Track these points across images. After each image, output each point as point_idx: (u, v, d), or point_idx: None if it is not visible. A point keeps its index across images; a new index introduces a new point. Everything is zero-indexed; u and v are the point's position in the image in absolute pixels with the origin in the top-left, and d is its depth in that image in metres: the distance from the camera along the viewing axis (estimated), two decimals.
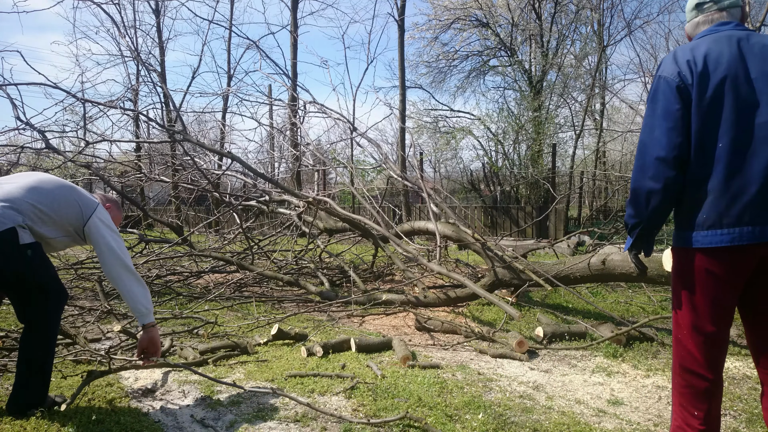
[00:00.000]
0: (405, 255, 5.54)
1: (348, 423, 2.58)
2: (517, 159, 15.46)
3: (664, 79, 1.82)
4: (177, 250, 6.93)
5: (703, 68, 1.78)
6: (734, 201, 1.74)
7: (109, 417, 2.63)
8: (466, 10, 15.42)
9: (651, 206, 1.86)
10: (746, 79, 1.76)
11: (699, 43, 1.85)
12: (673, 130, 1.79)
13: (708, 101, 1.77)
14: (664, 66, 1.85)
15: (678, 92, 1.79)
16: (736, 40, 1.82)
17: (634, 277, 4.43)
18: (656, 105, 1.83)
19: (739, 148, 1.74)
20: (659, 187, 1.82)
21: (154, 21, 17.40)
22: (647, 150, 1.84)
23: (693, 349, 1.86)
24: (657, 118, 1.82)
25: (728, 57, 1.78)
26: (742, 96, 1.75)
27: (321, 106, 7.79)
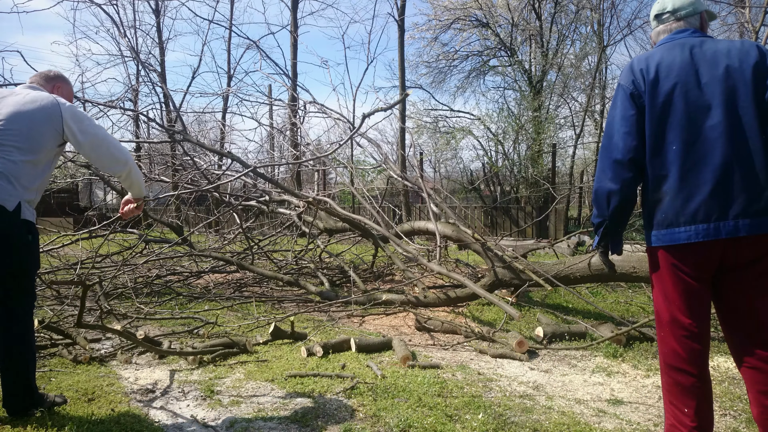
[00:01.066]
0: (405, 255, 5.54)
1: (348, 423, 2.58)
2: (517, 159, 15.45)
3: (621, 86, 1.96)
4: (177, 250, 6.93)
5: (654, 76, 1.89)
6: (689, 200, 1.84)
7: (108, 417, 2.63)
8: (466, 10, 15.42)
9: (611, 206, 1.98)
10: (697, 84, 1.86)
11: (654, 52, 1.97)
12: (628, 134, 1.90)
13: (660, 107, 1.88)
14: (622, 75, 1.98)
15: (632, 99, 1.92)
16: (689, 47, 1.92)
17: (634, 277, 4.44)
18: (615, 111, 1.96)
19: (691, 149, 1.84)
20: (617, 188, 1.94)
21: (154, 21, 17.43)
22: (606, 153, 1.96)
23: (675, 345, 1.93)
24: (615, 123, 1.94)
25: (680, 64, 1.89)
26: (692, 100, 1.85)
27: (321, 106, 7.80)
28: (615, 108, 1.97)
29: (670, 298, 1.93)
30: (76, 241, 6.16)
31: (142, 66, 15.17)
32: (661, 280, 1.95)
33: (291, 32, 14.78)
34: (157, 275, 6.34)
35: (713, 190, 1.81)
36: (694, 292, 1.90)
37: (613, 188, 1.95)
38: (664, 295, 1.95)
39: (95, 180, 8.51)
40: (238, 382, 3.17)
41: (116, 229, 6.48)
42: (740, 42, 1.93)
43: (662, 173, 1.88)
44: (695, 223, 1.83)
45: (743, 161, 1.80)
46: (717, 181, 1.81)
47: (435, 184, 19.87)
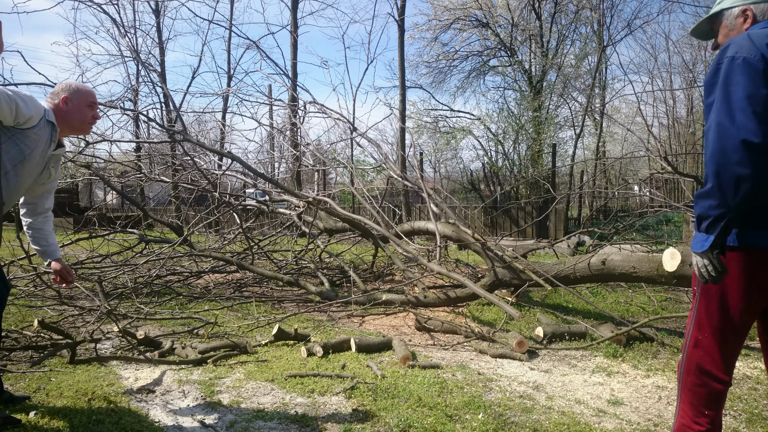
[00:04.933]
0: (405, 255, 5.54)
1: (348, 423, 2.58)
2: (517, 159, 15.47)
3: (744, 60, 1.65)
4: (177, 250, 6.93)
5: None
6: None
7: (109, 417, 2.63)
8: (466, 11, 15.43)
9: (741, 194, 1.64)
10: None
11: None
12: (761, 114, 1.61)
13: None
14: (743, 48, 1.67)
15: (764, 75, 1.63)
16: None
17: (634, 277, 4.43)
18: (735, 88, 1.65)
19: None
20: (749, 172, 1.62)
21: (154, 21, 17.43)
22: (730, 134, 1.63)
23: (717, 350, 1.82)
24: (739, 101, 1.64)
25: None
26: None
27: (321, 106, 7.79)
28: (735, 84, 1.65)
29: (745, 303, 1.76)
30: (76, 241, 6.16)
31: (142, 66, 15.17)
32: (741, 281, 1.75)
33: (291, 32, 14.78)
34: (157, 275, 6.33)
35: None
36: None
37: (744, 173, 1.61)
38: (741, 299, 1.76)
39: (95, 180, 8.51)
40: (238, 382, 3.17)
41: (116, 229, 6.48)
42: None
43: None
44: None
45: None
46: None
47: (435, 184, 19.88)
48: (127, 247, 6.86)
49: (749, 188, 1.63)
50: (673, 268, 4.04)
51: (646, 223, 11.52)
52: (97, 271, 6.05)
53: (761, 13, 1.85)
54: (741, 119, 1.62)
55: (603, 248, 5.37)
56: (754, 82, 1.63)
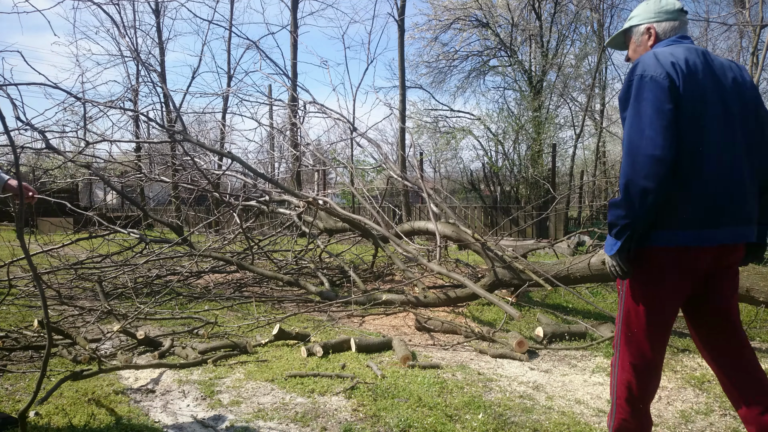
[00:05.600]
0: (405, 255, 5.54)
1: (348, 423, 2.58)
2: (517, 159, 15.46)
3: (652, 78, 1.80)
4: (177, 250, 6.93)
5: (687, 72, 1.82)
6: (717, 202, 1.82)
7: (109, 417, 2.64)
8: (466, 11, 15.42)
9: (646, 205, 1.79)
10: (716, 89, 1.86)
11: (676, 50, 1.89)
12: (667, 129, 1.75)
13: (695, 105, 1.81)
14: (650, 66, 1.82)
15: (669, 92, 1.78)
16: (701, 52, 1.90)
17: None
18: (644, 104, 1.79)
19: (714, 153, 1.82)
20: (653, 186, 1.77)
21: (154, 21, 17.42)
22: (638, 149, 1.77)
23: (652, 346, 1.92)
24: (647, 117, 1.78)
25: (701, 67, 1.86)
26: (715, 104, 1.84)
27: (321, 106, 7.79)
28: (644, 101, 1.79)
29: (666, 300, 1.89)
30: (76, 241, 6.16)
31: (142, 66, 15.17)
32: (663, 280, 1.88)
33: (291, 32, 14.79)
34: (157, 275, 6.34)
35: (733, 197, 1.84)
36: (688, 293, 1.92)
37: (650, 186, 1.76)
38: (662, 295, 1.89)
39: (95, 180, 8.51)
40: (238, 382, 3.17)
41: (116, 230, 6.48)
42: (727, 59, 1.97)
43: (692, 174, 1.82)
44: (717, 225, 1.82)
45: (748, 176, 1.88)
46: (735, 189, 1.84)
47: (435, 184, 19.88)
48: (127, 247, 6.86)
49: (654, 201, 1.78)
50: None
51: None
52: (97, 271, 6.05)
53: (663, 32, 2.02)
54: (649, 134, 1.76)
55: (603, 248, 5.38)
56: (660, 98, 1.76)
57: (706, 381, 3.21)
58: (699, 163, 1.81)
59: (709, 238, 1.82)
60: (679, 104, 1.79)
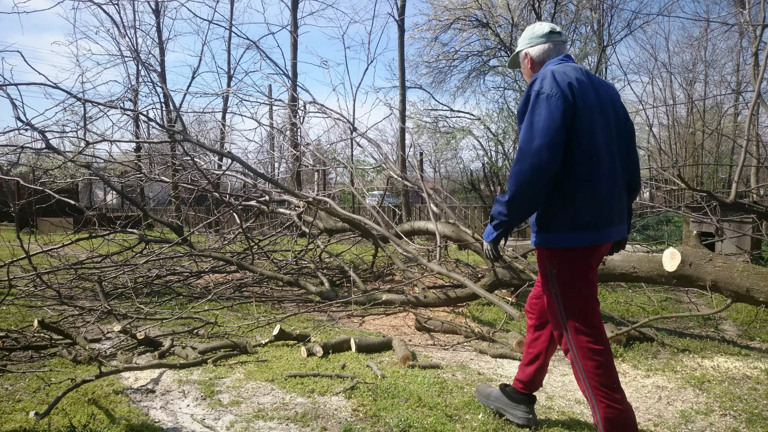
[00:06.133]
0: (405, 255, 5.54)
1: (348, 423, 2.58)
2: None
3: (547, 96, 1.98)
4: (177, 250, 6.93)
5: (579, 90, 2.02)
6: (607, 205, 2.08)
7: (109, 417, 2.64)
8: (466, 11, 15.42)
9: (529, 210, 2.08)
10: (599, 105, 2.08)
11: (566, 69, 2.09)
12: (556, 145, 1.95)
13: (587, 120, 2.02)
14: (546, 84, 2.00)
15: (560, 109, 1.96)
16: (584, 71, 2.13)
17: (634, 277, 4.44)
18: (538, 118, 1.97)
19: (604, 163, 2.06)
20: (537, 193, 2.01)
21: (154, 21, 17.42)
22: (529, 160, 1.96)
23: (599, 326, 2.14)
24: (539, 130, 1.95)
25: (587, 84, 2.07)
26: (600, 118, 2.07)
27: (321, 106, 7.79)
28: (538, 115, 1.98)
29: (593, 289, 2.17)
30: (76, 241, 6.16)
31: (142, 66, 15.17)
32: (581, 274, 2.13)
33: (291, 32, 14.79)
34: (157, 275, 6.34)
35: (616, 200, 2.12)
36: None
37: (533, 193, 2.01)
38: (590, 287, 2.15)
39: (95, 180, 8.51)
40: (238, 382, 3.17)
41: (116, 230, 6.48)
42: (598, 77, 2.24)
43: (589, 181, 2.03)
44: (611, 224, 2.10)
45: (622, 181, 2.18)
46: (617, 192, 2.13)
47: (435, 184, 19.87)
48: (127, 247, 6.85)
49: (534, 206, 2.07)
50: (673, 268, 4.04)
51: (646, 223, 11.51)
52: (97, 271, 6.05)
53: (536, 55, 2.29)
54: (537, 146, 1.95)
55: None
56: (553, 115, 1.95)
57: (706, 381, 3.21)
58: (593, 170, 2.03)
59: (607, 236, 2.09)
60: (574, 119, 2.00)
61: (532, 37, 2.29)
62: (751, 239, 7.26)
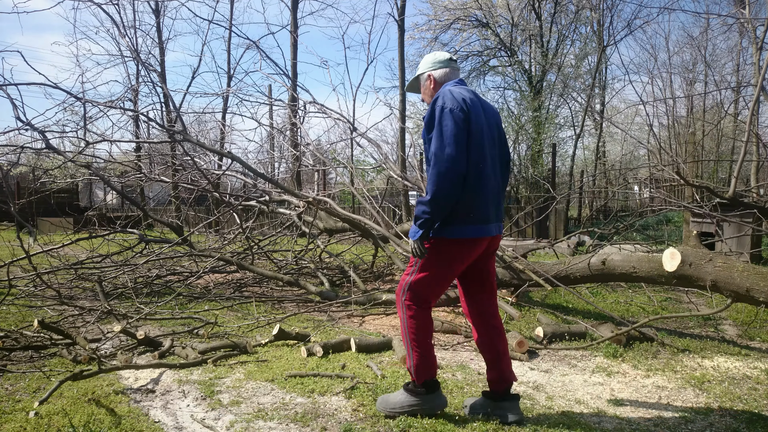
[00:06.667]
0: (405, 255, 5.54)
1: (348, 423, 2.58)
2: (517, 159, 15.45)
3: (451, 110, 2.36)
4: (177, 250, 6.93)
5: (472, 106, 2.42)
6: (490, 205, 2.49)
7: (109, 417, 2.64)
8: (466, 11, 15.42)
9: (446, 206, 2.39)
10: (486, 121, 2.51)
11: (461, 90, 2.50)
12: (462, 149, 2.34)
13: (478, 132, 2.42)
14: (448, 101, 2.39)
15: (463, 122, 2.36)
16: (474, 92, 2.55)
17: (634, 277, 4.44)
18: (448, 129, 2.34)
19: (490, 168, 2.48)
20: (451, 193, 2.36)
21: (154, 21, 17.41)
22: (447, 165, 2.32)
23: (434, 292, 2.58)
24: (451, 139, 2.33)
25: (477, 103, 2.49)
26: (487, 132, 2.49)
27: (321, 106, 7.79)
28: (446, 126, 2.33)
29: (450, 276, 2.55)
30: (76, 241, 6.16)
31: (142, 66, 15.17)
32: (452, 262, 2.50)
33: (291, 32, 14.78)
34: (157, 275, 6.34)
35: (494, 199, 2.53)
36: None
37: (449, 193, 2.35)
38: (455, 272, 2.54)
39: (95, 180, 8.51)
40: (238, 382, 3.17)
41: (116, 230, 6.48)
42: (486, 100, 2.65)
43: (476, 184, 2.42)
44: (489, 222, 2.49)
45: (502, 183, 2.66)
46: (497, 196, 2.56)
47: None
48: (127, 247, 6.85)
49: (451, 203, 2.39)
50: (673, 268, 4.04)
51: (646, 223, 11.52)
52: (97, 271, 6.05)
53: (439, 77, 2.66)
54: (449, 152, 2.32)
55: (603, 248, 5.38)
56: (457, 125, 2.34)
57: (706, 381, 3.21)
58: (481, 176, 2.43)
59: (488, 231, 2.50)
60: (468, 131, 2.38)
61: (435, 62, 2.66)
62: (751, 238, 7.26)
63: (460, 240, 2.45)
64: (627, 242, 5.91)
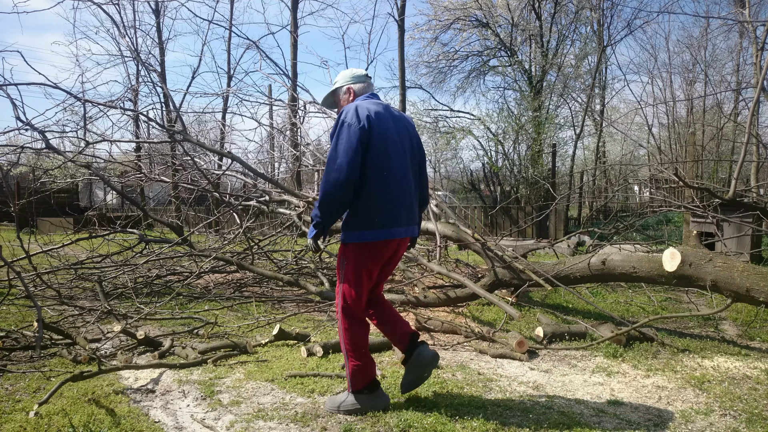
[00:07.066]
0: (405, 255, 5.53)
1: (348, 423, 2.58)
2: (517, 159, 15.45)
3: (350, 125, 2.53)
4: (177, 250, 6.92)
5: (376, 121, 2.59)
6: (396, 210, 2.65)
7: (109, 417, 2.64)
8: (466, 11, 15.41)
9: (335, 211, 2.61)
10: (396, 133, 2.70)
11: (368, 104, 2.67)
12: (353, 161, 2.50)
13: (382, 144, 2.60)
14: (349, 116, 2.56)
15: (360, 136, 2.52)
16: (384, 106, 2.72)
17: (634, 277, 4.44)
18: (341, 141, 2.52)
19: (397, 177, 2.65)
20: (342, 200, 2.57)
21: (154, 21, 17.41)
22: (339, 174, 2.50)
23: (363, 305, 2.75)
24: (342, 150, 2.51)
25: (385, 116, 2.66)
26: (396, 143, 2.68)
27: (321, 106, 7.78)
28: (341, 139, 2.52)
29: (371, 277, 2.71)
30: (76, 241, 6.16)
31: (142, 66, 15.17)
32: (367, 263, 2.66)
33: (291, 32, 14.78)
34: (157, 275, 6.33)
35: (404, 203, 2.69)
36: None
37: (337, 199, 2.56)
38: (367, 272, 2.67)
39: (95, 180, 8.51)
40: (238, 382, 3.17)
41: (116, 230, 6.48)
42: (398, 111, 2.86)
43: (382, 189, 2.60)
44: (398, 225, 2.66)
45: (415, 188, 2.81)
46: (407, 200, 2.72)
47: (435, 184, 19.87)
48: (127, 247, 6.85)
49: (338, 210, 2.61)
50: (673, 268, 4.04)
51: (646, 223, 11.51)
52: (97, 271, 6.05)
53: (357, 90, 2.85)
54: (339, 162, 2.51)
55: (603, 248, 5.37)
56: (352, 139, 2.51)
57: (706, 381, 3.21)
58: (385, 182, 2.61)
59: (394, 234, 2.64)
60: (369, 142, 2.56)
61: (354, 76, 2.88)
62: (751, 239, 7.26)
63: (369, 243, 2.63)
64: (627, 242, 5.90)
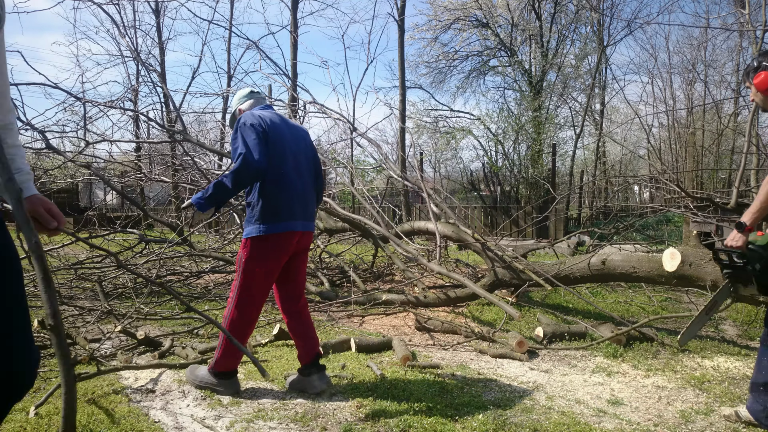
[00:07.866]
0: (405, 255, 5.53)
1: (348, 423, 2.58)
2: (517, 159, 15.45)
3: (252, 126, 2.82)
4: (177, 250, 6.92)
5: (272, 125, 2.89)
6: (292, 203, 2.87)
7: (108, 417, 2.64)
8: (466, 11, 15.41)
9: (240, 190, 2.83)
10: (291, 137, 2.98)
11: (264, 112, 2.98)
12: (263, 151, 2.78)
13: (277, 144, 2.87)
14: (246, 119, 2.85)
15: (262, 134, 2.82)
16: (279, 116, 3.04)
17: (634, 277, 4.44)
18: (250, 137, 2.79)
19: (292, 175, 2.90)
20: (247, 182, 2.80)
21: (154, 21, 17.41)
22: (250, 161, 2.73)
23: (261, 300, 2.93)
24: (253, 144, 2.77)
25: (279, 122, 2.96)
26: (290, 145, 2.95)
27: (321, 106, 7.78)
28: (249, 136, 2.79)
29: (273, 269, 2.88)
30: (76, 241, 6.15)
31: (142, 66, 15.17)
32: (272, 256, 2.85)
33: (291, 32, 14.78)
34: (157, 275, 6.33)
35: (299, 200, 2.91)
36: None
37: (249, 182, 2.81)
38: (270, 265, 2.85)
39: (95, 180, 8.51)
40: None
41: (116, 230, 6.48)
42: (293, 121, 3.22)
43: (278, 186, 2.84)
44: (295, 219, 2.87)
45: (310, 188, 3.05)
46: (304, 198, 2.95)
47: (435, 184, 19.87)
48: (127, 247, 6.85)
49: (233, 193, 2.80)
50: (673, 268, 4.05)
51: (646, 223, 11.51)
52: (97, 271, 6.05)
53: (247, 108, 3.15)
54: (254, 154, 2.75)
55: (603, 248, 5.37)
56: (258, 135, 2.80)
57: (706, 381, 3.21)
58: (282, 179, 2.85)
59: (294, 226, 2.86)
60: (267, 142, 2.81)
61: (240, 98, 3.18)
62: None
63: (273, 236, 2.82)
64: (627, 242, 5.90)
